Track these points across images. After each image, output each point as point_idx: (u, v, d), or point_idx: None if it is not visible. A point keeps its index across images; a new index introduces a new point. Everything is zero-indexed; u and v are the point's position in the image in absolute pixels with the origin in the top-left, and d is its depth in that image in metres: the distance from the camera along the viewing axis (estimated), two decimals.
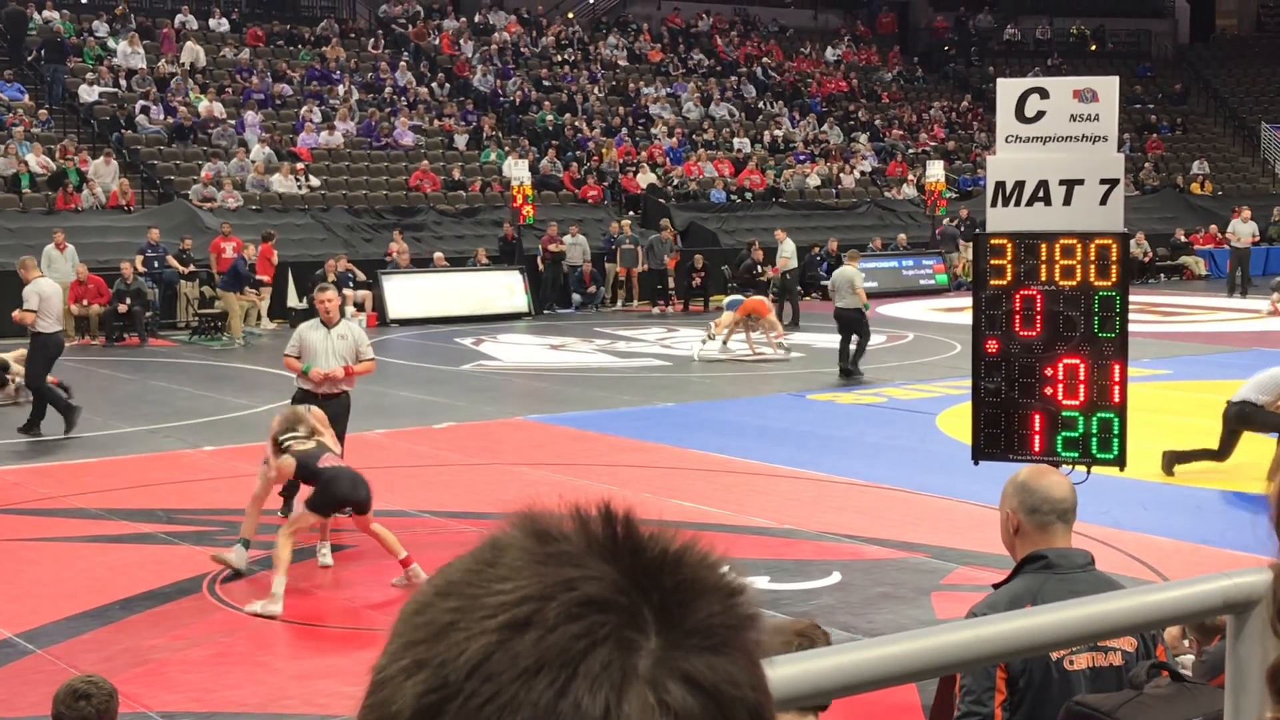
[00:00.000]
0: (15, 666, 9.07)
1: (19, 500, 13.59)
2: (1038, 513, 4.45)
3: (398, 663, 0.89)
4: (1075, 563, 4.41)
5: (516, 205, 31.15)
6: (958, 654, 2.40)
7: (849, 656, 2.28)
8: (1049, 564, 4.37)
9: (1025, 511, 4.47)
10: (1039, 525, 4.45)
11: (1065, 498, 4.48)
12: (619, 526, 0.92)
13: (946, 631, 2.38)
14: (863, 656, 2.28)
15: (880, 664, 2.27)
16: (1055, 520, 4.44)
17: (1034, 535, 4.45)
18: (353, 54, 39.46)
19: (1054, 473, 4.69)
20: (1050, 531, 4.44)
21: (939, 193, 36.38)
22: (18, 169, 30.09)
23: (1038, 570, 4.37)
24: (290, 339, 13.06)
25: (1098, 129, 7.73)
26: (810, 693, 2.28)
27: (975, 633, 2.41)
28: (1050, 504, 4.44)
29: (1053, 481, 4.52)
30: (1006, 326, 7.64)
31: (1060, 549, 4.43)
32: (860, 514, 12.90)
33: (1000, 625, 2.48)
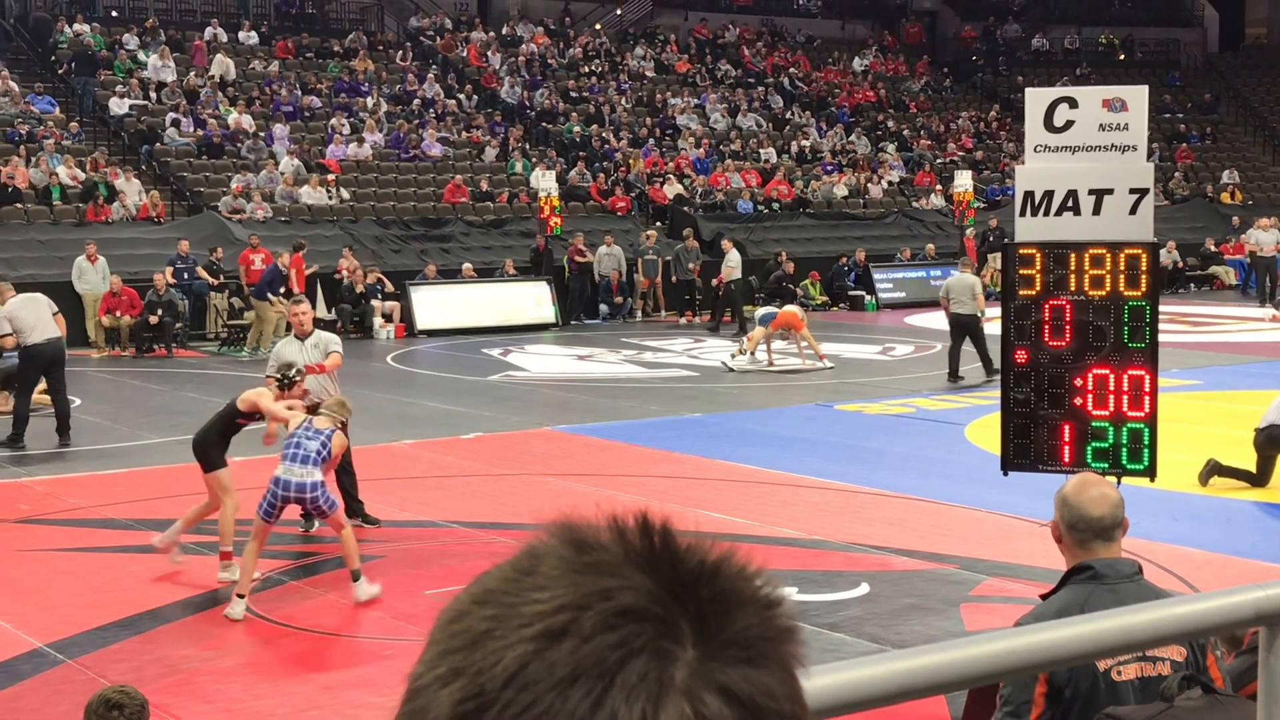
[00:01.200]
0: (46, 676, 9.12)
1: (50, 510, 13.66)
2: (1075, 529, 4.41)
3: (434, 671, 0.89)
4: (1122, 573, 4.37)
5: (544, 216, 31.20)
6: (988, 666, 2.39)
7: (879, 668, 2.28)
8: (1096, 574, 4.33)
9: (1065, 525, 4.44)
10: (1077, 541, 4.41)
11: (1103, 516, 4.40)
12: (656, 537, 0.92)
13: (977, 643, 2.37)
14: (893, 668, 2.27)
15: (910, 675, 2.27)
16: (1093, 539, 4.39)
17: (1075, 549, 4.43)
18: (381, 66, 39.59)
19: (1099, 486, 4.59)
20: (1090, 547, 4.40)
21: (967, 203, 36.30)
22: (49, 181, 30.27)
23: (1084, 581, 4.33)
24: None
25: (1127, 138, 7.70)
26: (841, 704, 2.28)
27: (1006, 644, 2.40)
28: (1086, 522, 4.39)
29: (1093, 497, 4.44)
30: (1036, 336, 7.62)
31: (1106, 559, 4.38)
32: (888, 525, 12.87)
33: (1030, 637, 2.47)
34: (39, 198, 30.01)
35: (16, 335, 16.62)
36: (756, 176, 38.95)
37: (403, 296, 29.15)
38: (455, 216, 33.65)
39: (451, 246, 32.58)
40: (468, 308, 29.56)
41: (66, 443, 16.87)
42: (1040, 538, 11.28)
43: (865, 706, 2.19)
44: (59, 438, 16.91)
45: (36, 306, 16.84)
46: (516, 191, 35.19)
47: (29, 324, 16.62)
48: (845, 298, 34.37)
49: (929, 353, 25.68)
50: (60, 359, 16.90)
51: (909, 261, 35.92)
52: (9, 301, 17.10)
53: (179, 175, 32.70)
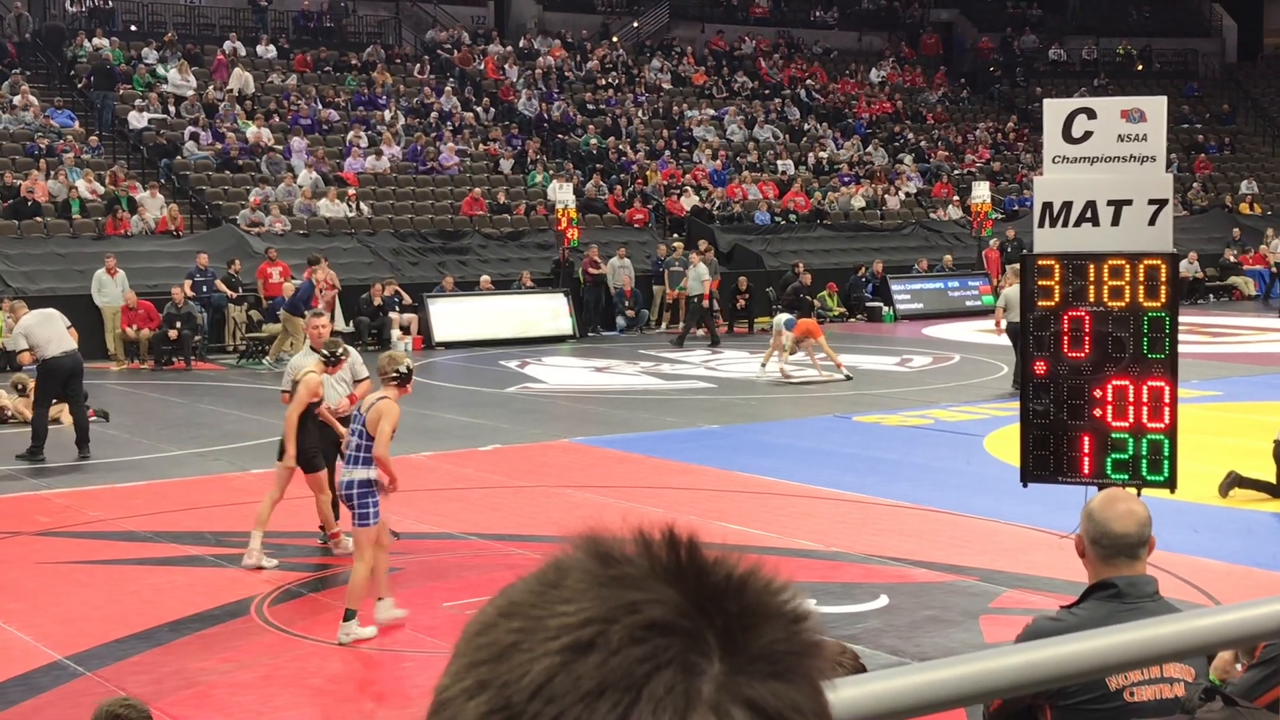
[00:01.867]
0: (65, 689, 9.13)
1: (69, 523, 13.69)
2: (1099, 545, 4.38)
3: (460, 683, 0.88)
4: (1144, 591, 4.32)
5: (561, 228, 31.24)
6: (1009, 679, 2.38)
7: (898, 681, 2.27)
8: (1118, 592, 4.28)
9: (1089, 540, 4.41)
10: (1101, 557, 4.38)
11: (1129, 533, 4.35)
12: (683, 550, 0.92)
13: (998, 656, 2.36)
14: (912, 681, 2.27)
15: (930, 688, 2.26)
16: (1117, 555, 4.36)
17: (1099, 564, 4.40)
18: (399, 79, 39.70)
19: (1126, 502, 4.55)
20: (1114, 564, 4.36)
21: (985, 214, 36.26)
22: (68, 195, 30.40)
23: (1106, 599, 4.29)
24: (284, 377, 12.73)
25: (1146, 149, 7.69)
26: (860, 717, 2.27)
27: (1026, 658, 2.39)
28: (1110, 539, 4.36)
29: (1119, 513, 4.41)
30: (1055, 348, 7.60)
31: (1129, 577, 4.34)
32: (907, 536, 12.84)
33: (1050, 650, 2.46)
34: (58, 211, 30.13)
35: (34, 350, 16.74)
36: (774, 188, 38.96)
37: (420, 309, 29.21)
38: (473, 229, 33.72)
39: (469, 259, 32.65)
40: (485, 320, 29.61)
41: (86, 455, 16.93)
42: (1060, 550, 11.25)
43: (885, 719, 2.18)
44: (78, 450, 16.97)
45: (51, 321, 16.98)
46: (534, 204, 35.24)
47: (45, 338, 16.73)
48: (863, 309, 34.35)
49: (947, 364, 25.64)
50: (78, 371, 17.01)
51: (926, 273, 35.88)
52: (23, 318, 17.22)
53: (198, 188, 32.82)
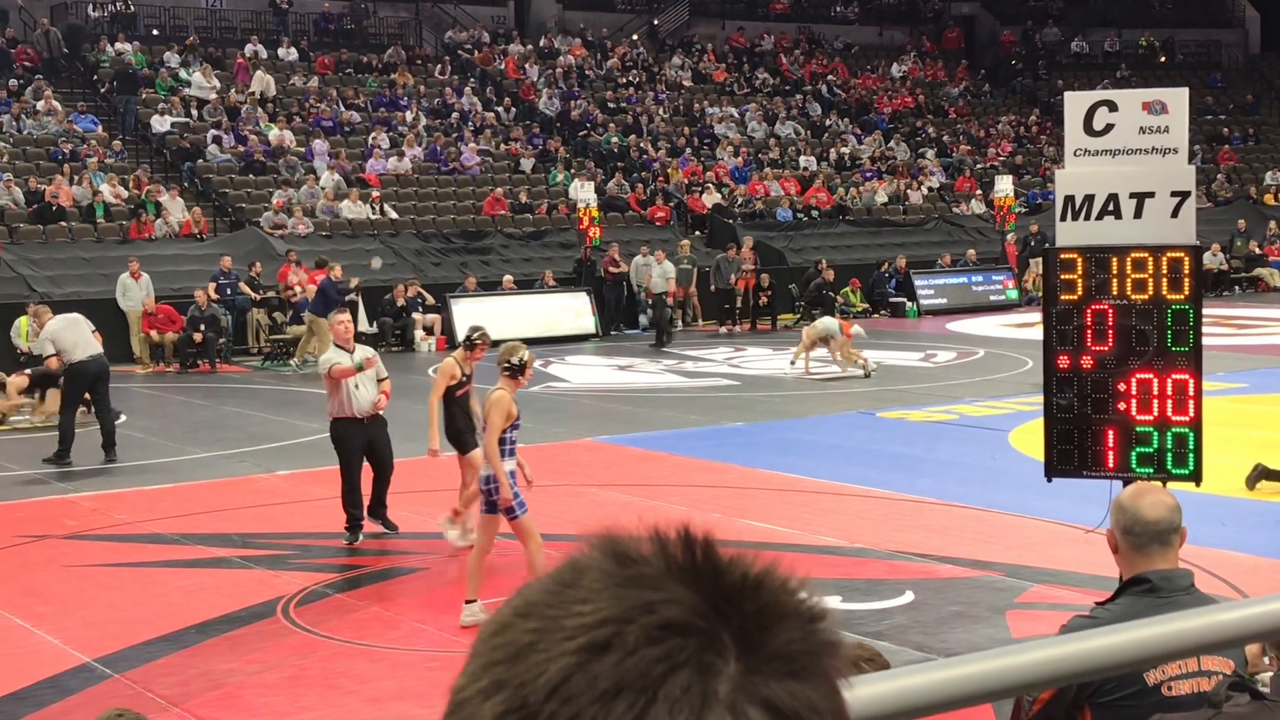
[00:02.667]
0: (93, 691, 9.17)
1: (96, 526, 13.75)
2: (1131, 534, 4.36)
3: (477, 683, 0.89)
4: (1179, 585, 4.29)
5: (583, 227, 31.25)
6: (1035, 673, 2.37)
7: (924, 677, 2.27)
8: (1153, 587, 4.26)
9: (1120, 531, 4.38)
10: (1134, 546, 4.35)
11: (1160, 519, 4.34)
12: (698, 550, 0.91)
13: (1024, 651, 2.35)
14: (938, 677, 2.26)
15: (957, 684, 2.25)
16: (1150, 542, 4.34)
17: (1132, 556, 4.37)
18: (420, 80, 39.77)
19: (1155, 492, 4.54)
20: (1147, 553, 4.34)
21: (1008, 208, 36.16)
22: (93, 199, 30.53)
23: (1141, 594, 4.26)
24: (320, 365, 13.25)
25: (1168, 141, 7.65)
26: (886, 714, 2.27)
27: (1052, 652, 2.38)
28: (1142, 526, 4.34)
29: (1150, 502, 4.40)
30: (1078, 341, 7.57)
31: (1163, 571, 4.31)
32: (932, 532, 12.81)
33: (1075, 644, 2.45)
34: (83, 216, 30.27)
35: (61, 355, 16.82)
36: (795, 184, 38.92)
37: (443, 309, 29.25)
38: (494, 229, 33.76)
39: (491, 259, 32.69)
40: (508, 319, 29.59)
41: (112, 458, 17.00)
42: (1087, 544, 11.22)
43: (911, 716, 2.18)
44: (105, 454, 17.04)
45: (76, 326, 17.07)
46: (555, 203, 35.26)
47: (71, 343, 16.81)
48: (886, 305, 34.29)
49: (971, 359, 25.58)
50: (105, 375, 17.08)
51: (950, 267, 35.81)
52: (49, 323, 17.31)
53: (221, 191, 32.93)
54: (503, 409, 10.20)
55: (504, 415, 10.20)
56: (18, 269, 27.67)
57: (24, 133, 32.93)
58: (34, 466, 16.85)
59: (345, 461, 12.84)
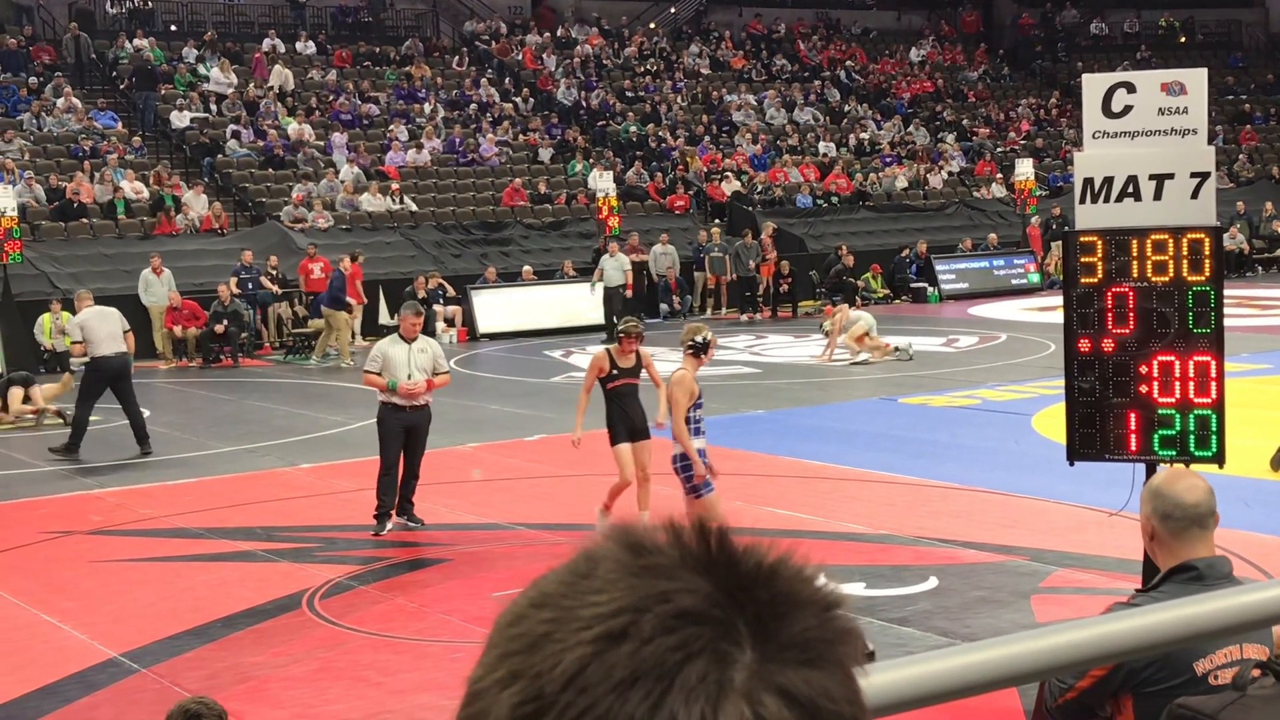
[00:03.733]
0: (121, 686, 9.22)
1: (122, 521, 13.82)
2: (1170, 519, 4.32)
3: (493, 674, 0.89)
4: (1222, 572, 4.25)
5: (602, 217, 31.24)
6: (1059, 657, 2.37)
7: (948, 662, 2.27)
8: (1199, 575, 4.21)
9: (1159, 518, 4.34)
10: (1173, 532, 4.32)
11: (1199, 503, 4.31)
12: (713, 539, 0.92)
13: (1046, 635, 2.35)
14: (962, 662, 2.26)
15: (980, 669, 2.25)
16: (1190, 526, 4.30)
17: (1170, 542, 4.33)
18: (437, 72, 39.80)
19: (1190, 476, 4.51)
20: (1186, 538, 4.31)
21: (1029, 191, 36.04)
22: (113, 196, 30.64)
23: (1186, 581, 4.19)
24: (370, 355, 13.23)
25: (1187, 122, 7.62)
26: (911, 699, 2.27)
27: (1073, 636, 2.38)
28: (1182, 510, 4.31)
29: (1186, 486, 4.36)
30: (1099, 325, 7.55)
31: (1207, 559, 4.27)
32: (956, 518, 12.80)
33: (1098, 628, 2.44)
34: (104, 213, 30.37)
35: (86, 345, 16.86)
36: (815, 171, 38.85)
37: (464, 300, 29.29)
38: (514, 219, 33.79)
39: (511, 249, 32.71)
40: (529, 310, 29.66)
41: (148, 451, 17.05)
42: (1111, 528, 11.19)
43: (936, 700, 2.18)
44: (140, 447, 17.09)
45: (108, 320, 17.05)
46: (575, 193, 35.27)
47: (100, 336, 16.83)
48: (907, 290, 34.23)
49: (994, 343, 25.52)
50: (126, 373, 17.08)
51: (971, 252, 35.71)
52: (83, 311, 17.29)
53: (241, 186, 33.02)
54: (685, 388, 10.56)
55: (687, 394, 10.59)
56: (40, 266, 27.78)
57: (44, 130, 33.05)
58: (60, 463, 16.92)
59: (383, 445, 12.94)
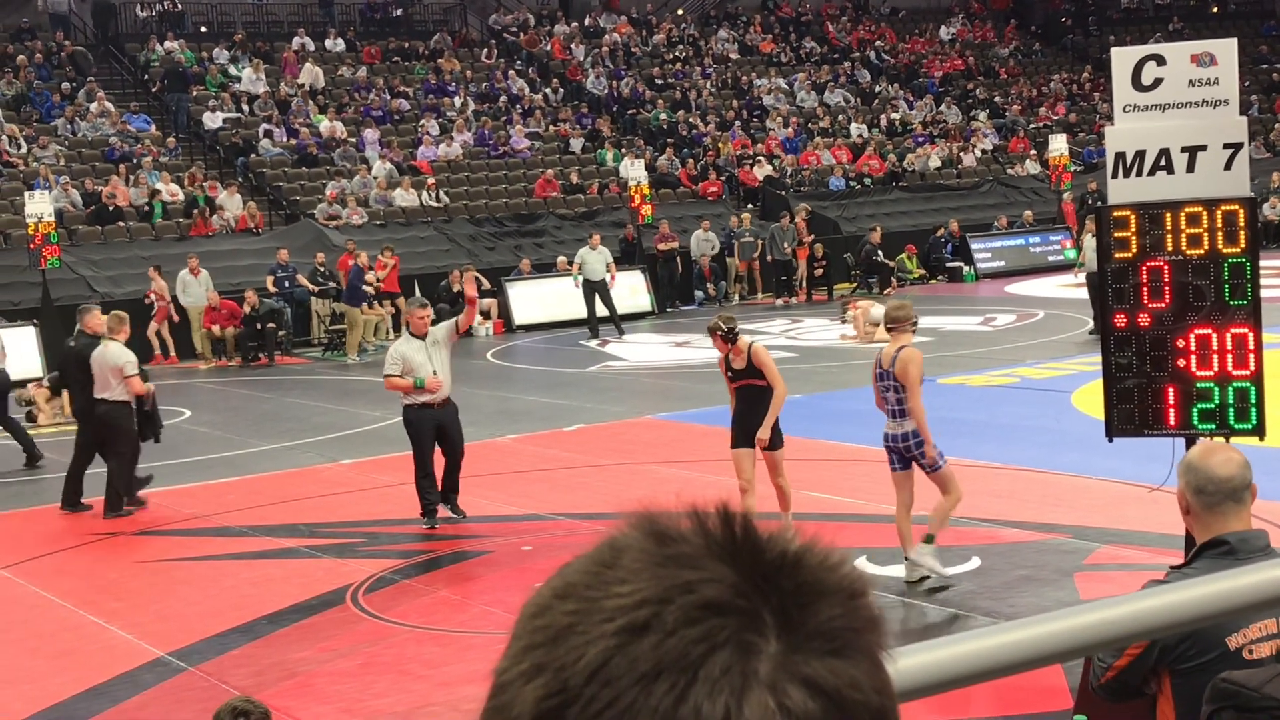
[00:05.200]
0: (169, 684, 9.29)
1: (166, 521, 13.91)
2: (1204, 493, 4.30)
3: (518, 666, 0.89)
4: (1256, 546, 4.21)
5: (634, 205, 31.21)
6: (1102, 633, 2.36)
7: (993, 640, 2.27)
8: (1231, 549, 4.18)
9: (1192, 492, 4.32)
10: (1207, 506, 4.30)
11: (1233, 476, 4.28)
12: (737, 527, 0.91)
13: (1089, 611, 2.34)
14: (1007, 639, 2.26)
15: (1024, 646, 2.25)
16: (1224, 500, 4.28)
17: (1204, 516, 4.31)
18: (466, 65, 39.82)
19: (1224, 450, 4.47)
20: (1220, 512, 4.28)
21: (1063, 167, 35.83)
22: (149, 198, 30.80)
23: (1219, 556, 4.17)
24: (387, 359, 13.14)
25: (1218, 93, 7.56)
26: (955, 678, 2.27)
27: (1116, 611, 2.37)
28: (1215, 484, 4.28)
29: (1220, 460, 4.33)
30: (1134, 299, 7.51)
31: (1240, 533, 4.23)
32: (997, 497, 12.75)
33: (1140, 603, 2.43)
34: (140, 215, 30.54)
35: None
36: (847, 153, 38.72)
37: (499, 293, 29.32)
38: (547, 211, 33.80)
39: (545, 241, 32.72)
40: (563, 301, 29.66)
41: (37, 468, 17.02)
42: (1154, 503, 11.13)
43: (980, 679, 2.18)
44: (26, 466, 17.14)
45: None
46: (606, 182, 35.25)
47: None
48: (943, 269, 34.08)
49: (1031, 320, 25.40)
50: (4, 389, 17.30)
51: (1006, 230, 35.53)
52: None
53: (275, 185, 33.14)
54: (919, 362, 10.56)
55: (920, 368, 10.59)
56: (78, 270, 27.95)
57: (78, 135, 33.24)
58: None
59: (417, 446, 12.88)
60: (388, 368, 12.98)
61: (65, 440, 19.20)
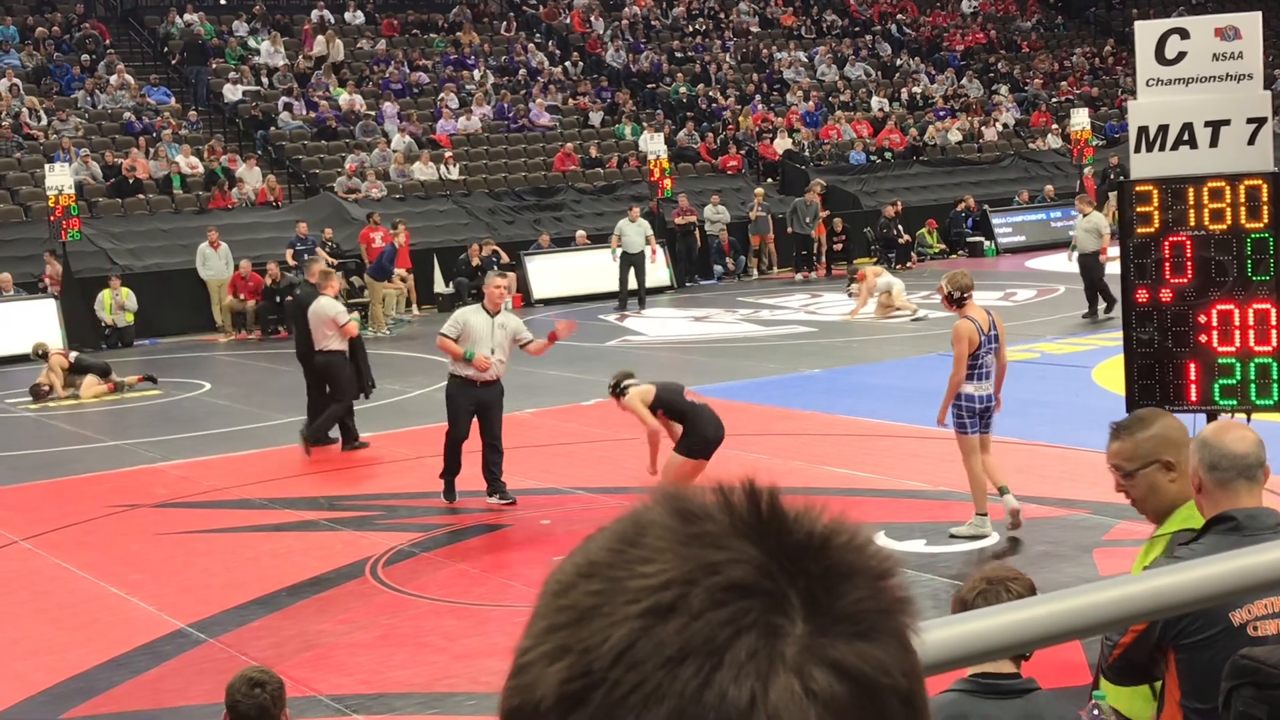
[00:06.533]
0: (189, 656, 9.34)
1: (186, 494, 13.96)
2: (1217, 469, 4.28)
3: (540, 647, 0.88)
4: (1264, 524, 4.18)
5: (654, 179, 31.15)
6: (1119, 610, 2.35)
7: (1012, 616, 2.26)
8: (1237, 526, 4.15)
9: (1205, 469, 4.30)
10: (1219, 483, 4.28)
11: (1246, 454, 4.25)
12: (763, 504, 0.90)
13: (1109, 588, 2.34)
14: (1026, 615, 2.25)
15: (1043, 622, 2.24)
16: (1236, 478, 4.26)
17: (1216, 493, 4.29)
18: (485, 38, 39.74)
19: (1238, 428, 4.46)
20: (1233, 489, 4.26)
21: (1085, 141, 35.66)
22: (169, 171, 30.83)
23: (1225, 533, 4.14)
24: (449, 320, 12.95)
25: (1242, 67, 7.51)
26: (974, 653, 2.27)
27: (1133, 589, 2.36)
28: (1229, 460, 4.26)
29: (1234, 437, 4.32)
30: (1156, 275, 7.48)
31: (1248, 509, 4.21)
32: (1017, 472, 12.69)
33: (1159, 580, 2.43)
34: (160, 188, 30.57)
35: None
36: (868, 127, 38.57)
37: (518, 267, 29.30)
38: (566, 184, 33.74)
39: (564, 214, 32.68)
40: (582, 275, 29.63)
41: None
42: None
43: (999, 655, 2.18)
44: None
45: None
46: (626, 156, 35.17)
47: None
48: (964, 244, 33.98)
49: (1052, 296, 25.33)
50: None
51: (1028, 204, 35.39)
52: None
53: (294, 158, 33.15)
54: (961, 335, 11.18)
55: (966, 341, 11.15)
56: (99, 243, 28.01)
57: (98, 108, 33.27)
58: (127, 437, 17.09)
59: (452, 422, 12.73)
60: (446, 327, 12.77)
61: (79, 413, 19.27)
